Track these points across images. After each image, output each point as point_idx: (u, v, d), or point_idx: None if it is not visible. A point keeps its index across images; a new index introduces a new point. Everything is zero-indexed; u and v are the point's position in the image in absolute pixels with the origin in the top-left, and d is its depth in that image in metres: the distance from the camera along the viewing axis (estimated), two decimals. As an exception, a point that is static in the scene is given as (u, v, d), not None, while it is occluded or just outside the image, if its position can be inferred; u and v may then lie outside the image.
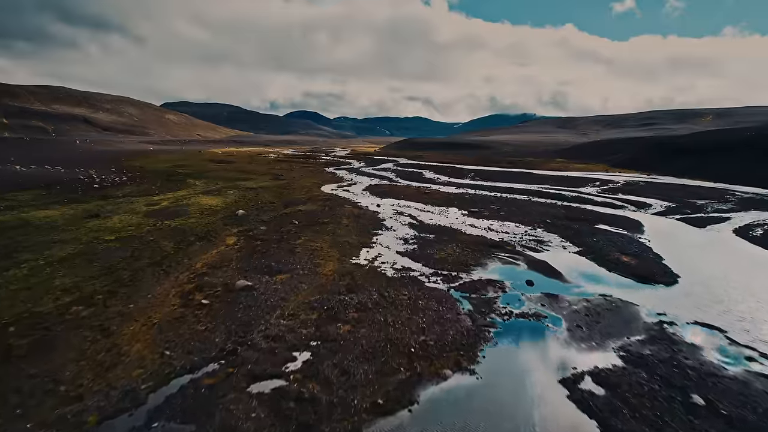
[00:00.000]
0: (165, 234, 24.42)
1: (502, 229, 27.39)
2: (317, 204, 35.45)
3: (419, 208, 35.05)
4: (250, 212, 31.83)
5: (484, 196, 41.94)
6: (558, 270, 19.31)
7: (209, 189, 44.75)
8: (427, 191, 44.25)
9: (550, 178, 60.15)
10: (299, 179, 55.88)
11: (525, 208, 34.85)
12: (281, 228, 26.51)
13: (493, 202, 38.45)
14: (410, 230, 26.69)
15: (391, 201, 38.60)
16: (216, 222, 28.18)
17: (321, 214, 31.09)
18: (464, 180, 58.59)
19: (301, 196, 40.56)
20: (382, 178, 60.43)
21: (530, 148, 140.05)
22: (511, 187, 50.15)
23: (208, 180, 53.99)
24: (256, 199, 38.62)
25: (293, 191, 43.83)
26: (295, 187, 47.46)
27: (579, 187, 50.96)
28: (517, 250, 22.50)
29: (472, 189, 48.09)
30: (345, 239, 23.84)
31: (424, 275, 18.18)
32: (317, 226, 27.01)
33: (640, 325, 13.67)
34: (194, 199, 37.29)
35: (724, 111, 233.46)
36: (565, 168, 78.71)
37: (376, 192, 44.25)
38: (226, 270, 18.30)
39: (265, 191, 43.71)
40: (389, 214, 31.80)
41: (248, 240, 23.78)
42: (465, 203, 37.37)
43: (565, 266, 19.98)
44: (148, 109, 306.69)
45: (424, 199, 39.35)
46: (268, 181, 53.41)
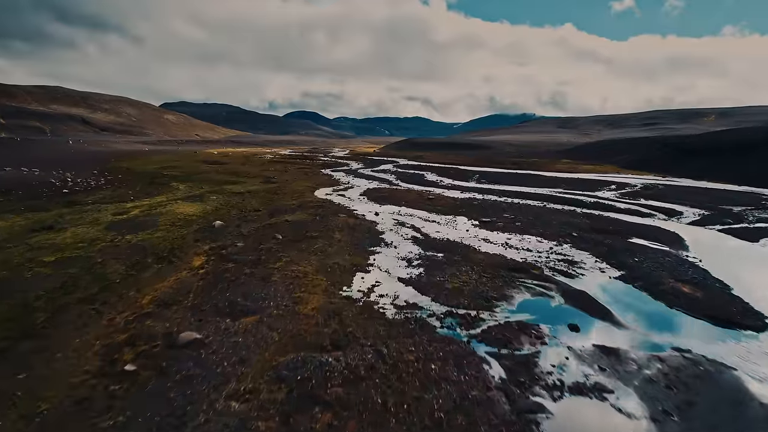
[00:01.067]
0: (120, 253, 20.04)
1: (522, 244, 23.00)
2: (308, 212, 31.07)
3: (423, 217, 30.68)
4: (229, 223, 27.44)
5: (494, 202, 37.57)
6: (604, 306, 14.95)
7: (191, 194, 40.37)
8: (431, 196, 39.89)
9: (560, 180, 55.78)
10: (292, 182, 51.49)
11: (543, 217, 30.47)
12: (261, 245, 22.11)
13: (505, 209, 34.07)
14: (414, 246, 22.32)
15: (392, 208, 34.22)
16: (186, 236, 23.79)
17: (310, 225, 26.69)
18: (469, 183, 54.23)
19: (291, 202, 36.17)
20: (382, 180, 56.06)
21: (533, 148, 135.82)
22: (521, 191, 45.78)
23: (193, 183, 49.63)
24: (240, 206, 34.25)
25: (283, 197, 39.44)
26: (286, 191, 43.07)
27: (594, 190, 46.61)
28: (546, 275, 18.14)
29: (479, 193, 43.72)
30: (335, 260, 19.46)
31: (435, 316, 13.82)
32: (304, 242, 22.61)
33: (758, 410, 9.32)
34: (171, 206, 32.91)
35: (726, 111, 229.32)
36: (573, 169, 74.38)
37: (374, 197, 39.88)
38: (177, 309, 13.91)
39: (252, 197, 39.34)
40: (389, 225, 27.42)
41: (218, 261, 19.40)
42: (474, 211, 33.00)
43: (611, 299, 15.63)
44: (146, 110, 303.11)
45: (428, 206, 34.97)
46: (257, 185, 49.05)
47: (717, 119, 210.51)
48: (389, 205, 35.49)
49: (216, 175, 58.49)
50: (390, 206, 35.13)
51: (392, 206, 35.10)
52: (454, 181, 55.50)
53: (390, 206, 35.13)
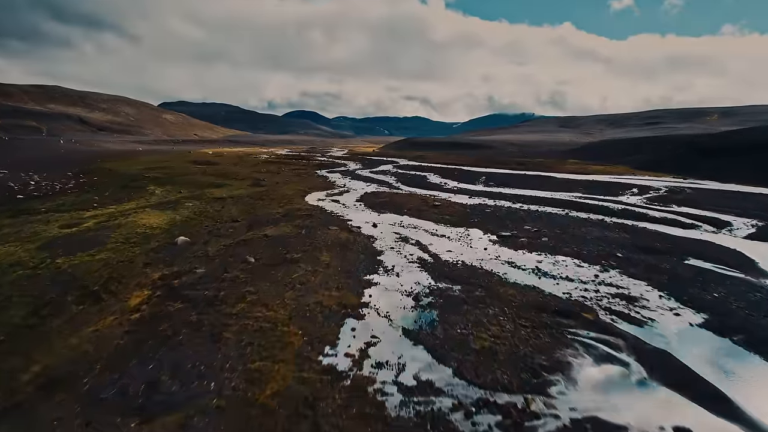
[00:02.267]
0: (36, 286, 14.99)
1: (558, 270, 17.95)
2: (293, 224, 25.98)
3: (430, 229, 25.61)
4: (196, 239, 22.37)
5: (510, 210, 32.50)
6: (713, 386, 9.90)
7: (165, 200, 35.31)
8: (436, 203, 34.80)
9: (575, 183, 50.73)
10: (282, 186, 46.40)
11: (571, 230, 25.41)
12: (226, 272, 17.03)
13: (525, 219, 29.01)
14: (422, 274, 17.27)
15: (392, 218, 29.17)
16: (136, 259, 18.73)
17: (294, 242, 21.60)
18: (476, 186, 49.15)
19: (276, 210, 31.09)
20: (381, 183, 50.98)
21: (536, 148, 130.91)
22: (536, 195, 40.71)
23: (173, 186, 44.58)
24: (216, 215, 29.19)
25: (269, 203, 34.36)
26: (274, 196, 37.98)
27: (617, 195, 41.56)
28: (604, 321, 13.11)
29: (489, 198, 38.65)
30: (318, 297, 14.41)
31: (463, 409, 8.80)
32: (281, 268, 17.54)
33: None
34: (135, 216, 27.84)
35: (729, 110, 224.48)
36: (583, 170, 69.34)
37: (372, 203, 34.81)
38: (63, 400, 8.88)
39: (233, 203, 34.27)
40: (389, 242, 22.36)
41: (164, 299, 14.33)
42: (489, 221, 27.93)
43: (713, 368, 10.61)
44: (144, 109, 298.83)
45: (434, 215, 29.90)
46: (244, 188, 43.98)
47: (720, 118, 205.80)
48: (389, 214, 30.43)
49: (202, 177, 53.41)
50: (390, 215, 30.06)
51: (393, 215, 30.03)
52: (459, 184, 50.42)
53: (390, 215, 30.06)
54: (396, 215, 29.99)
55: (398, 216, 29.74)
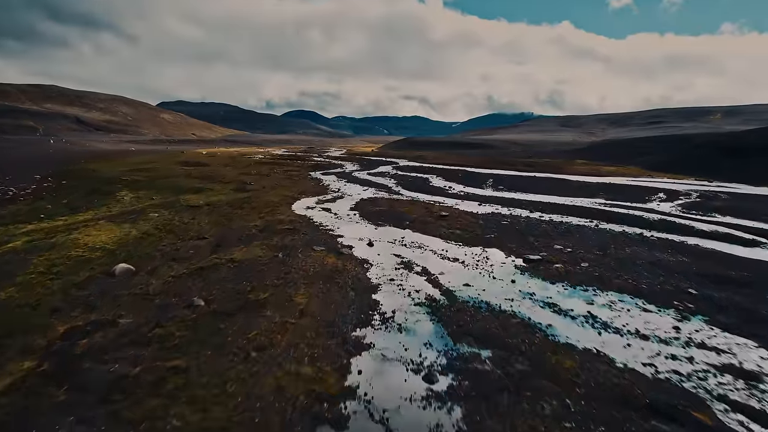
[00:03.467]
0: None
1: (620, 319, 12.87)
2: (271, 243, 20.87)
3: (438, 249, 20.51)
4: (142, 265, 17.26)
5: (530, 221, 27.41)
6: None
7: (130, 209, 30.23)
8: (443, 212, 29.68)
9: (592, 186, 45.68)
10: (269, 190, 41.30)
11: (613, 250, 20.32)
12: (158, 325, 11.93)
13: (551, 233, 23.92)
14: (433, 327, 12.17)
15: (392, 232, 24.09)
16: (48, 299, 13.63)
17: (264, 271, 16.49)
18: (484, 190, 44.07)
19: (255, 222, 25.98)
20: (379, 187, 45.89)
21: (539, 147, 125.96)
22: (555, 202, 35.63)
23: (149, 191, 39.50)
24: (182, 229, 24.09)
25: (249, 213, 29.27)
26: (257, 204, 32.88)
27: (645, 201, 36.52)
28: (729, 429, 8.13)
29: (503, 205, 33.57)
30: (279, 380, 9.27)
31: None
32: (237, 319, 12.44)
33: None
34: (80, 232, 22.74)
35: (732, 109, 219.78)
36: (596, 172, 64.34)
37: (369, 213, 29.72)
38: None
39: (208, 213, 29.18)
40: (388, 270, 17.27)
41: (41, 385, 9.23)
42: (510, 237, 22.82)
43: None
44: (142, 109, 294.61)
45: (443, 229, 24.80)
46: (226, 193, 38.89)
47: (724, 117, 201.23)
48: (389, 227, 25.35)
49: (184, 180, 48.29)
50: (389, 229, 24.97)
51: (393, 229, 24.94)
52: (465, 188, 45.34)
53: (389, 229, 24.97)
54: (396, 229, 24.91)
55: (399, 230, 24.65)
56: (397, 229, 24.97)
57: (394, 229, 24.96)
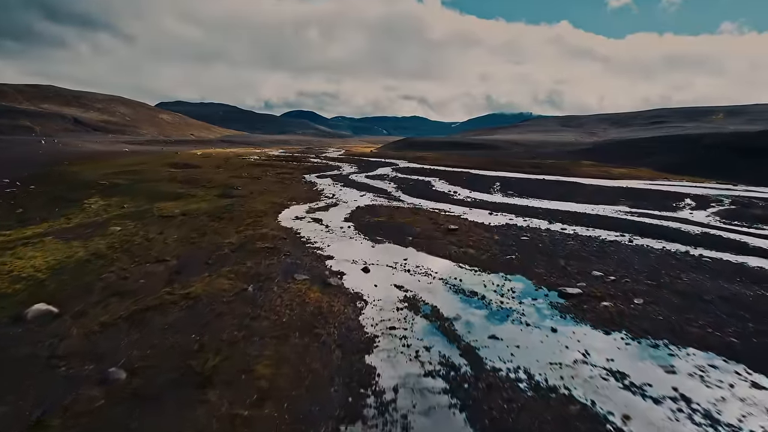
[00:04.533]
0: None
1: (725, 407, 8.81)
2: (242, 268, 16.69)
3: (449, 278, 16.36)
4: (68, 306, 13.02)
5: (553, 236, 23.25)
6: None
7: (92, 220, 26.09)
8: (451, 225, 25.45)
9: (610, 191, 41.58)
10: (257, 196, 37.14)
11: (667, 279, 16.18)
12: (36, 424, 7.87)
13: (582, 253, 19.75)
14: (457, 423, 8.15)
15: (392, 252, 19.96)
16: None
17: (224, 317, 12.29)
18: (493, 195, 39.94)
19: (230, 238, 21.80)
20: (378, 192, 41.74)
21: (542, 148, 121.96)
22: (575, 211, 31.48)
23: (124, 198, 35.39)
24: (140, 249, 19.90)
25: (227, 225, 25.08)
26: (240, 213, 28.70)
27: (674, 209, 32.42)
28: None
29: (516, 215, 29.44)
30: None
31: None
32: (163, 409, 8.23)
33: None
34: (16, 252, 18.55)
35: (735, 109, 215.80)
36: (607, 174, 60.29)
37: (365, 225, 25.56)
38: None
39: (181, 225, 25.01)
40: (387, 312, 13.10)
41: None
42: (534, 259, 18.67)
43: None
44: (141, 109, 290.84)
45: (452, 246, 20.64)
46: (208, 200, 34.74)
47: (727, 117, 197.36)
48: (388, 244, 21.20)
49: (167, 184, 44.07)
50: (389, 246, 20.83)
51: (393, 246, 20.80)
52: (471, 193, 41.19)
53: (389, 246, 20.83)
54: (397, 247, 20.76)
55: (400, 248, 20.50)
56: (398, 246, 20.81)
57: (394, 247, 20.81)
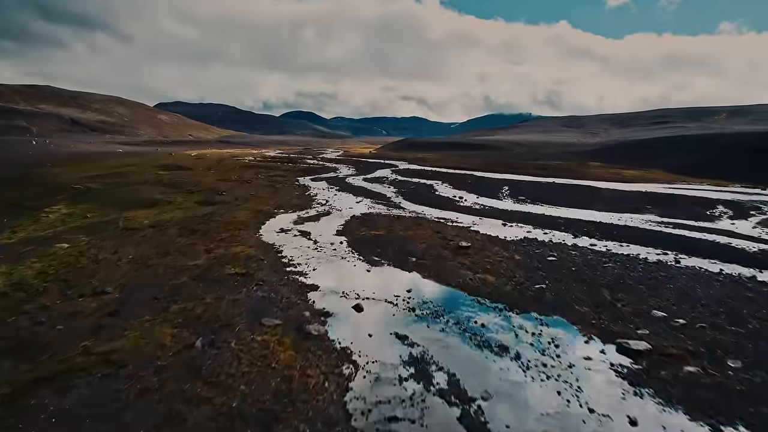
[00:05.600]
0: None
1: None
2: (195, 312, 12.68)
3: (468, 320, 12.40)
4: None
5: (584, 255, 19.27)
6: None
7: (39, 234, 22.09)
8: (463, 241, 21.40)
9: (630, 196, 37.66)
10: (242, 203, 33.19)
11: (755, 324, 12.32)
12: None
13: (627, 280, 15.80)
14: None
15: (392, 280, 15.98)
16: None
17: (146, 404, 8.40)
18: (504, 201, 35.98)
19: (195, 261, 17.81)
20: (376, 197, 37.77)
21: (544, 149, 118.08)
22: (597, 220, 27.50)
23: (90, 206, 31.39)
24: (81, 275, 15.88)
25: (197, 241, 21.09)
26: (216, 225, 24.70)
27: (710, 218, 28.53)
28: None
29: (534, 226, 25.47)
30: None
31: None
32: None
33: None
34: None
35: (738, 109, 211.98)
36: (619, 177, 56.39)
37: (361, 241, 21.57)
38: None
39: (142, 241, 21.01)
40: (386, 388, 9.12)
41: None
42: (572, 290, 14.72)
43: None
44: (139, 110, 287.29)
45: (465, 271, 16.65)
46: (186, 208, 30.78)
47: (730, 117, 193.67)
48: (387, 267, 17.25)
49: (147, 189, 40.07)
50: (389, 271, 16.86)
51: (393, 271, 16.84)
52: (479, 198, 37.24)
53: (389, 271, 16.86)
54: (399, 271, 16.79)
55: (403, 273, 16.53)
56: (399, 271, 16.85)
57: (394, 271, 16.85)
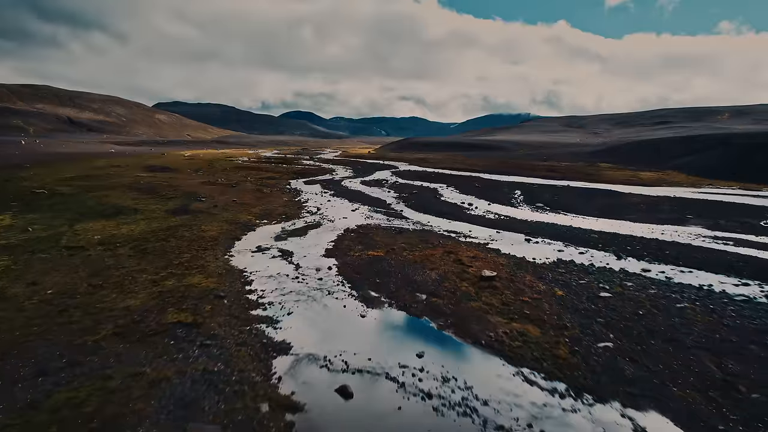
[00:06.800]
0: None
1: None
2: (87, 409, 8.10)
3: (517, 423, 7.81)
4: None
5: (646, 290, 14.53)
6: None
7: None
8: (487, 270, 16.62)
9: (664, 203, 32.96)
10: (221, 211, 28.44)
11: None
12: None
13: (734, 342, 11.13)
14: None
15: (396, 336, 11.28)
16: None
17: None
18: (520, 209, 31.26)
19: (127, 304, 13.03)
20: (375, 204, 33.04)
21: (548, 149, 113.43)
22: (639, 236, 22.74)
23: (44, 215, 26.59)
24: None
25: (147, 266, 16.30)
26: (179, 242, 19.92)
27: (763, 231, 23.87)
28: None
29: (566, 242, 20.73)
30: None
31: None
32: None
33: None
34: None
35: (740, 109, 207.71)
36: (636, 180, 51.71)
37: (353, 269, 16.79)
38: None
39: (73, 269, 16.18)
40: None
41: None
42: (655, 358, 10.04)
43: None
44: (137, 110, 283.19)
45: (495, 319, 11.96)
46: (154, 217, 25.98)
47: (732, 117, 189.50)
48: (388, 311, 12.51)
49: (120, 194, 35.23)
50: (390, 319, 12.14)
51: (397, 316, 12.11)
52: (491, 206, 32.50)
53: (390, 319, 12.14)
54: (405, 316, 12.09)
55: (410, 321, 11.84)
56: (405, 316, 12.13)
57: (399, 317, 12.12)
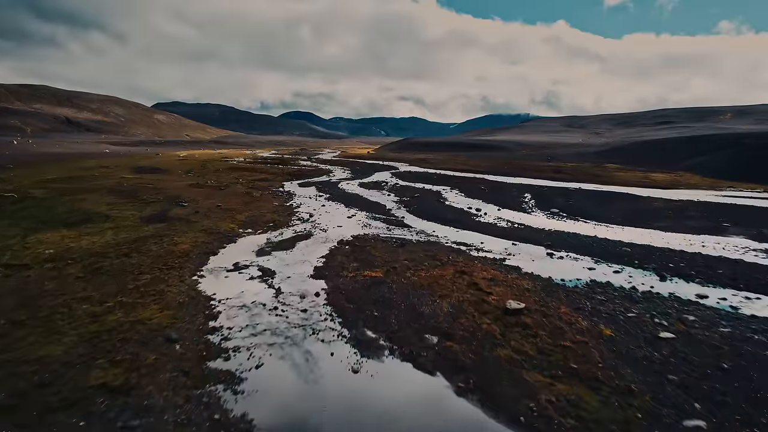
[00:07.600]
0: None
1: None
2: None
3: None
4: None
5: (717, 329, 11.46)
6: None
7: None
8: (513, 301, 13.53)
9: (691, 208, 29.88)
10: (202, 218, 25.26)
11: None
12: None
13: None
14: None
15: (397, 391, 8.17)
16: None
17: None
18: (534, 215, 28.13)
19: (41, 353, 9.77)
20: (373, 210, 29.88)
21: (551, 149, 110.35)
22: (678, 249, 19.66)
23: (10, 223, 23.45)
24: None
25: (93, 294, 13.11)
26: (143, 258, 16.76)
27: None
28: None
29: (595, 258, 17.65)
30: None
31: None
32: None
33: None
34: None
35: (743, 109, 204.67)
36: (649, 181, 48.62)
37: (346, 297, 13.66)
38: None
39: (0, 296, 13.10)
40: None
41: None
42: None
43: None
44: (136, 110, 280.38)
45: (536, 384, 8.87)
46: (124, 227, 22.76)
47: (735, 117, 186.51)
48: (388, 360, 9.43)
49: (96, 198, 32.02)
50: (391, 370, 9.02)
51: (399, 371, 9.00)
52: (501, 211, 29.38)
53: (391, 370, 9.02)
54: (411, 371, 8.96)
55: (419, 380, 8.72)
56: (411, 371, 9.02)
57: (402, 371, 9.01)
